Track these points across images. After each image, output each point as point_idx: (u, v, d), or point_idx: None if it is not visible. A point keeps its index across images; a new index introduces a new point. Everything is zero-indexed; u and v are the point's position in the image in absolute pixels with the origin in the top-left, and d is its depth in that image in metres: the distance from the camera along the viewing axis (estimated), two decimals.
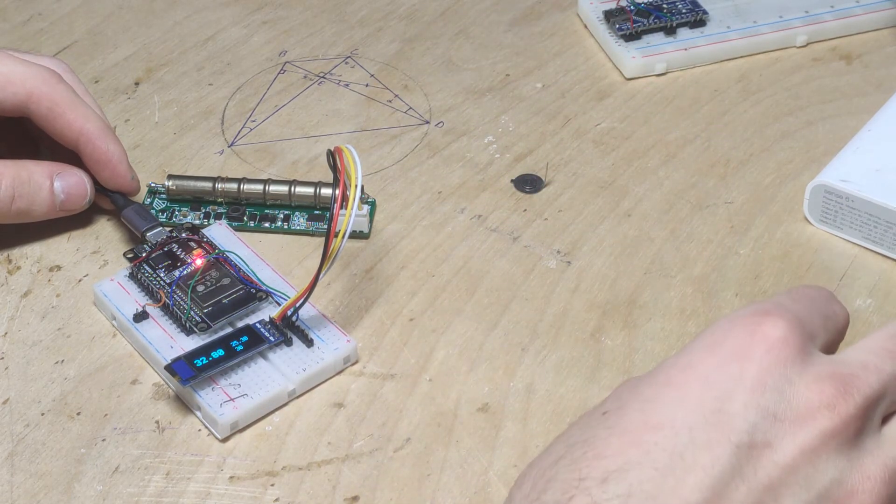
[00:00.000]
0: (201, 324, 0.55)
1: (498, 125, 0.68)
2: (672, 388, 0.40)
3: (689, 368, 0.41)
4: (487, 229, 0.62)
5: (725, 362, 0.40)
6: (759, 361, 0.40)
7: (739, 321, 0.41)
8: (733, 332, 0.41)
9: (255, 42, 0.74)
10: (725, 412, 0.39)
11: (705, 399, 0.40)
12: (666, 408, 0.40)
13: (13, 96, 0.58)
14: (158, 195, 0.63)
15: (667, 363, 0.42)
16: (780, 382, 0.40)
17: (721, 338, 0.41)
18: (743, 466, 0.39)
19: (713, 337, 0.41)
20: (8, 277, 0.60)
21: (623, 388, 0.42)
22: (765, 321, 0.41)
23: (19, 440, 0.52)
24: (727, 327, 0.41)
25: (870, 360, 0.42)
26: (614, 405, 0.41)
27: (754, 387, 0.40)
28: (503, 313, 0.58)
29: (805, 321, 0.42)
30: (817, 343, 0.43)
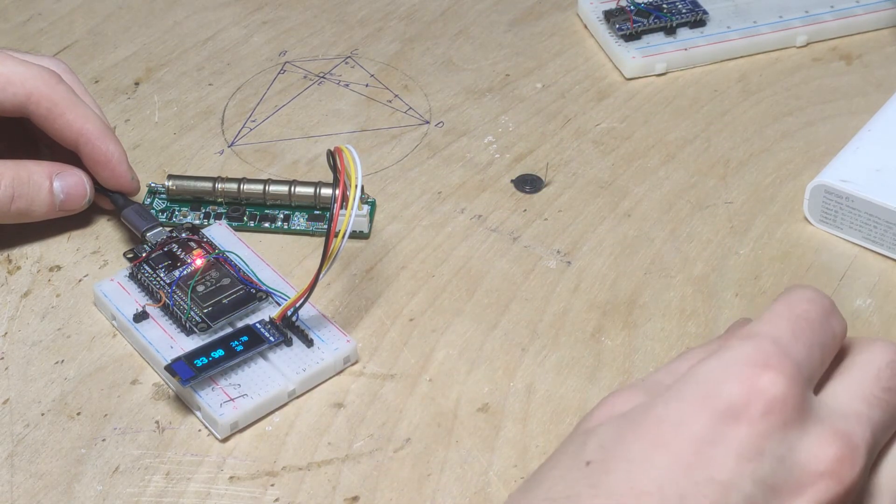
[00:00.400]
0: (201, 324, 0.55)
1: (498, 125, 0.68)
2: (661, 449, 0.38)
3: (681, 427, 0.38)
4: (487, 229, 0.62)
5: (719, 421, 0.38)
6: (756, 425, 0.38)
7: (736, 370, 0.39)
8: (729, 385, 0.39)
9: (255, 42, 0.74)
10: (718, 482, 0.37)
11: (697, 465, 0.38)
12: (655, 471, 0.38)
13: (13, 97, 0.58)
14: (158, 195, 0.63)
15: (656, 410, 0.39)
16: (778, 449, 0.38)
17: (715, 388, 0.39)
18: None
19: (707, 386, 0.39)
20: (8, 277, 0.60)
21: (609, 430, 0.40)
22: (763, 375, 0.39)
23: (19, 440, 0.52)
24: (722, 376, 0.39)
25: (862, 410, 0.40)
26: (598, 455, 0.39)
27: (750, 454, 0.38)
28: (503, 313, 0.58)
29: (804, 364, 0.40)
30: (814, 382, 0.41)
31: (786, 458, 0.38)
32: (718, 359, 0.40)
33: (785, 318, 0.41)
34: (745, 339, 0.40)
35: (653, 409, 0.39)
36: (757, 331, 0.40)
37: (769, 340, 0.40)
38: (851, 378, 0.41)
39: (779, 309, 0.42)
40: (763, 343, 0.40)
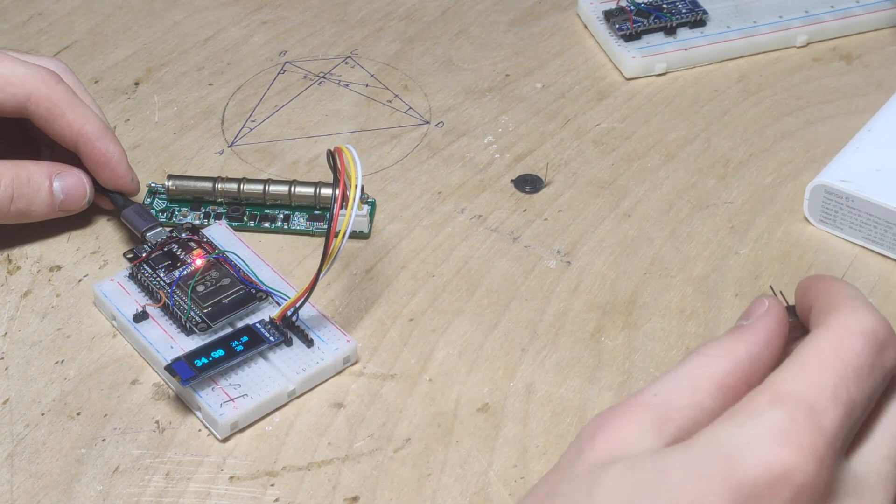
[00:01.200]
0: (201, 324, 0.55)
1: (498, 125, 0.68)
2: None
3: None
4: (487, 229, 0.62)
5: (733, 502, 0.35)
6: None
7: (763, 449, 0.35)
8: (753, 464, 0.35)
9: (255, 42, 0.74)
10: None
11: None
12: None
13: (13, 97, 0.58)
14: (158, 195, 0.63)
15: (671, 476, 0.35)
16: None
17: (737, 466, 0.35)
18: None
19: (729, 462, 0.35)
20: (8, 277, 0.60)
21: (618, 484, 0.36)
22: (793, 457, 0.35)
23: (19, 440, 0.52)
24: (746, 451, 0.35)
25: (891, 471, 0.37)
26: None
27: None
28: (503, 313, 0.58)
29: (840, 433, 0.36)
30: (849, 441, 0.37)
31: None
32: (743, 427, 0.36)
33: (829, 370, 0.36)
34: (776, 403, 0.36)
35: (667, 475, 0.36)
36: (791, 391, 0.36)
37: (804, 408, 0.35)
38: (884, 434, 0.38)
39: (824, 354, 0.37)
40: (797, 413, 0.35)
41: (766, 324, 0.40)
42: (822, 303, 0.39)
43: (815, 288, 0.40)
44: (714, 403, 0.38)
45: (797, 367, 0.37)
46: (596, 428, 0.38)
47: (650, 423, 0.38)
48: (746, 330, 0.40)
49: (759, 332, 0.40)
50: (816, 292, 0.40)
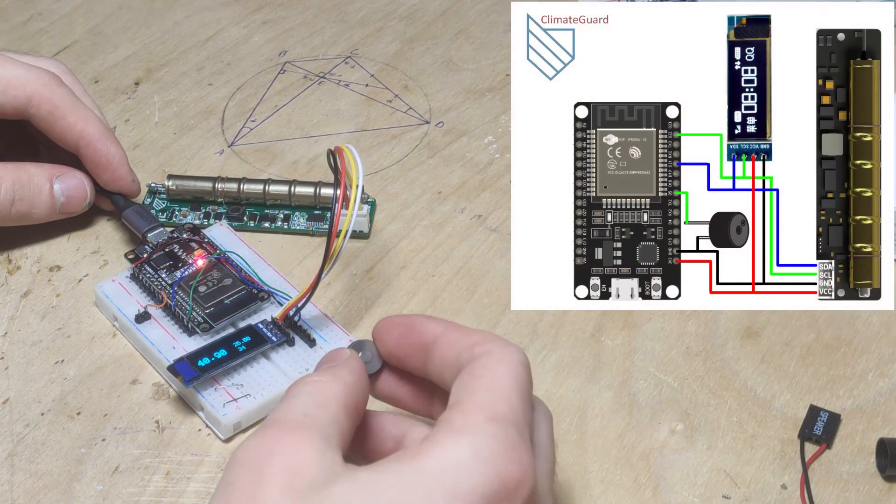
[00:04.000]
0: (203, 324, 0.55)
1: (498, 125, 0.68)
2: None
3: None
4: (487, 229, 0.62)
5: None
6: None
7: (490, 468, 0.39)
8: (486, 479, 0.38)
9: (255, 42, 0.74)
10: None
11: None
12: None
13: (13, 100, 0.58)
14: (158, 195, 0.63)
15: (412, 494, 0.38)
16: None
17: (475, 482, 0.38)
18: None
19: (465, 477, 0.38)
20: (8, 277, 0.60)
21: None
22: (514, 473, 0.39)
23: (19, 440, 0.52)
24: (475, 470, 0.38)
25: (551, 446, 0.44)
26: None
27: None
28: (503, 313, 0.58)
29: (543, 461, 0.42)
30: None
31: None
32: (471, 445, 0.39)
33: (517, 394, 0.41)
34: (493, 422, 0.40)
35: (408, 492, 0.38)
36: (500, 413, 0.40)
37: (514, 429, 0.40)
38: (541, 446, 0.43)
39: (508, 382, 0.41)
40: (509, 433, 0.39)
41: (357, 363, 0.45)
42: (462, 341, 0.43)
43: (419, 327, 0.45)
44: (347, 421, 0.42)
45: (494, 392, 0.41)
46: (268, 450, 0.39)
47: (318, 441, 0.39)
48: (343, 366, 0.44)
49: (355, 368, 0.44)
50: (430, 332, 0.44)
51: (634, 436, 0.52)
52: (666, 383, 0.54)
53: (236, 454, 0.39)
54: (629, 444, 0.52)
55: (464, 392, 0.41)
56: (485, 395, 0.40)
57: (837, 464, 0.51)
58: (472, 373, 0.41)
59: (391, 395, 0.47)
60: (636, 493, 0.50)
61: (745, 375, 0.55)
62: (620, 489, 0.50)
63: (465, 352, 0.42)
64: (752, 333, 0.57)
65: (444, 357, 0.43)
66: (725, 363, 0.55)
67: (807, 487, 0.50)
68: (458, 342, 0.43)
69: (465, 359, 0.42)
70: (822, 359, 0.56)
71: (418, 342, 0.44)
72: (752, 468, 0.51)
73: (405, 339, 0.45)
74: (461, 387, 0.41)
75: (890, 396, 0.54)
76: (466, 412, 0.40)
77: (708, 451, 0.52)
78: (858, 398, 0.54)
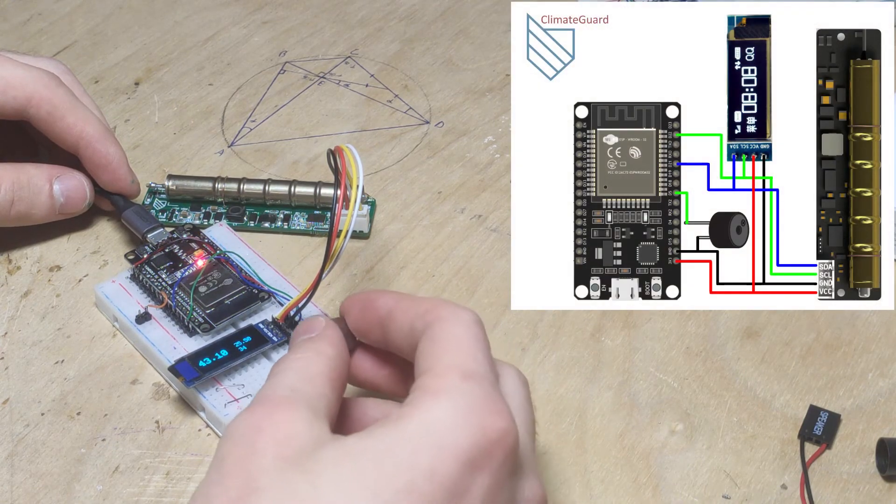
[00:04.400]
0: (204, 324, 0.55)
1: (498, 125, 0.68)
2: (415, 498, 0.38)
3: (434, 478, 0.38)
4: (487, 229, 0.62)
5: (466, 471, 0.39)
6: (496, 473, 0.40)
7: (473, 420, 0.40)
8: (471, 433, 0.39)
9: (255, 42, 0.74)
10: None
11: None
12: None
13: (13, 100, 0.58)
14: (158, 195, 0.63)
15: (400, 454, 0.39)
16: (508, 495, 0.40)
17: (460, 437, 0.39)
18: None
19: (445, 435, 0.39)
20: (8, 277, 0.60)
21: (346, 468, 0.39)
22: (496, 424, 0.40)
23: (19, 440, 0.52)
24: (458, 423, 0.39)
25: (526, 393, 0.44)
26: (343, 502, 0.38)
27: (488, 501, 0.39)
28: (503, 313, 0.58)
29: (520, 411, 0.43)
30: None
31: (510, 502, 0.41)
32: (452, 403, 0.40)
33: (481, 351, 0.42)
34: (468, 380, 0.41)
35: (396, 451, 0.39)
36: (472, 370, 0.41)
37: (488, 383, 0.41)
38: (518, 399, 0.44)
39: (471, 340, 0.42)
40: (484, 387, 0.41)
41: (335, 333, 0.46)
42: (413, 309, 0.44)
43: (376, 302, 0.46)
44: (332, 394, 0.43)
45: (461, 352, 0.42)
46: (257, 425, 0.40)
47: (306, 413, 0.41)
48: (321, 339, 0.45)
49: (334, 339, 0.46)
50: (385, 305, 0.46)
51: (634, 436, 0.52)
52: (666, 383, 0.55)
53: (227, 431, 0.40)
54: (629, 444, 0.52)
55: (430, 358, 0.42)
56: (451, 356, 0.42)
57: (837, 464, 0.51)
58: (431, 338, 0.43)
59: (367, 380, 0.48)
60: (636, 493, 0.50)
61: (745, 375, 0.55)
62: (620, 489, 0.50)
63: (417, 320, 0.44)
64: (752, 333, 0.57)
65: (399, 327, 0.45)
66: (725, 363, 0.55)
67: (807, 487, 0.50)
68: (409, 311, 0.44)
69: (420, 327, 0.43)
70: (822, 359, 0.56)
71: (376, 316, 0.46)
72: (752, 468, 0.51)
73: (364, 313, 0.47)
74: (425, 353, 0.42)
75: (890, 396, 0.54)
76: (439, 374, 0.41)
77: (708, 451, 0.52)
78: (858, 398, 0.54)
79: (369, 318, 0.46)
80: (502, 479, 0.40)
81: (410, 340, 0.44)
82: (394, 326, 0.45)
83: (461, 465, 0.39)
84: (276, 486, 0.38)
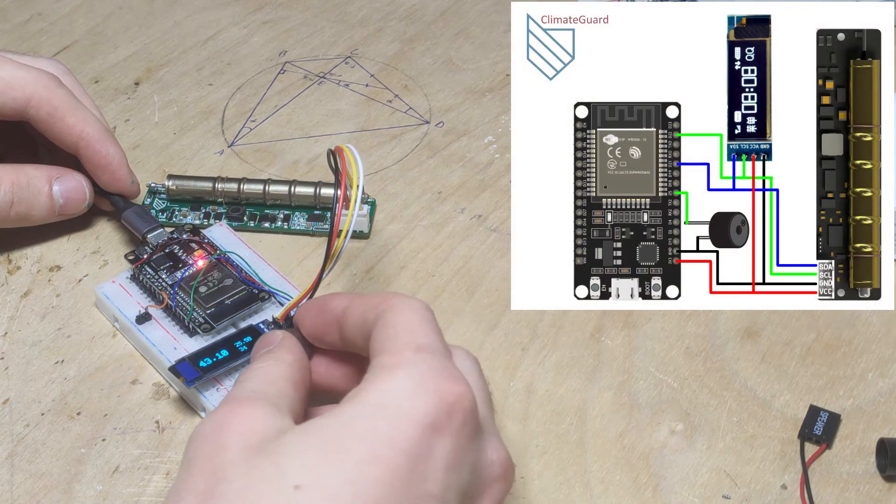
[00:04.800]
0: (204, 325, 0.55)
1: (498, 125, 0.68)
2: (380, 467, 0.38)
3: (394, 443, 0.39)
4: (487, 229, 0.62)
5: (426, 436, 0.39)
6: (457, 437, 0.40)
7: (430, 386, 0.40)
8: (427, 400, 0.40)
9: (255, 42, 0.74)
10: (432, 495, 0.39)
11: (413, 479, 0.38)
12: (380, 491, 0.38)
13: (12, 101, 0.58)
14: (158, 195, 0.63)
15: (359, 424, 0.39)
16: (471, 458, 0.41)
17: (414, 404, 0.40)
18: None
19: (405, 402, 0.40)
20: (8, 277, 0.60)
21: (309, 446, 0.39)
22: (454, 389, 0.40)
23: (19, 440, 0.52)
24: (416, 391, 0.40)
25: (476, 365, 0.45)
26: (307, 477, 0.38)
27: (453, 465, 0.40)
28: (503, 313, 0.58)
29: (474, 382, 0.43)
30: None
31: (475, 466, 0.41)
32: (407, 374, 0.41)
33: (431, 328, 0.43)
34: (421, 352, 0.42)
35: (356, 424, 0.39)
36: (423, 343, 0.42)
37: (441, 354, 0.42)
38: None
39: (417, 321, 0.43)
40: (437, 358, 0.42)
41: (291, 341, 0.48)
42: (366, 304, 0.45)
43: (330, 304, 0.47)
44: (295, 393, 0.45)
45: (411, 331, 0.43)
46: (220, 423, 0.41)
47: (269, 408, 0.42)
48: (279, 348, 0.47)
49: (291, 346, 0.48)
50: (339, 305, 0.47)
51: (634, 436, 0.52)
52: (666, 383, 0.55)
53: (193, 433, 0.41)
54: (629, 444, 0.52)
55: (384, 340, 0.43)
56: (403, 335, 0.43)
57: (837, 464, 0.51)
58: (384, 324, 0.43)
59: (325, 382, 0.49)
60: (636, 493, 0.50)
61: (745, 375, 0.55)
62: (620, 489, 0.50)
63: (370, 312, 0.45)
64: (752, 333, 0.57)
65: (353, 322, 0.46)
66: (725, 363, 0.55)
67: (807, 487, 0.50)
68: (362, 306, 0.45)
69: (372, 318, 0.44)
70: (822, 359, 0.56)
71: (330, 318, 0.47)
72: (752, 468, 0.51)
73: (318, 318, 0.48)
74: (379, 338, 0.43)
75: (890, 396, 0.54)
76: (393, 351, 0.42)
77: (708, 451, 0.52)
78: (858, 398, 0.54)
79: (325, 320, 0.47)
80: (464, 442, 0.40)
81: (364, 332, 0.45)
82: (349, 322, 0.46)
83: (421, 429, 0.39)
84: (241, 473, 0.39)
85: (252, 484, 0.38)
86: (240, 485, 0.38)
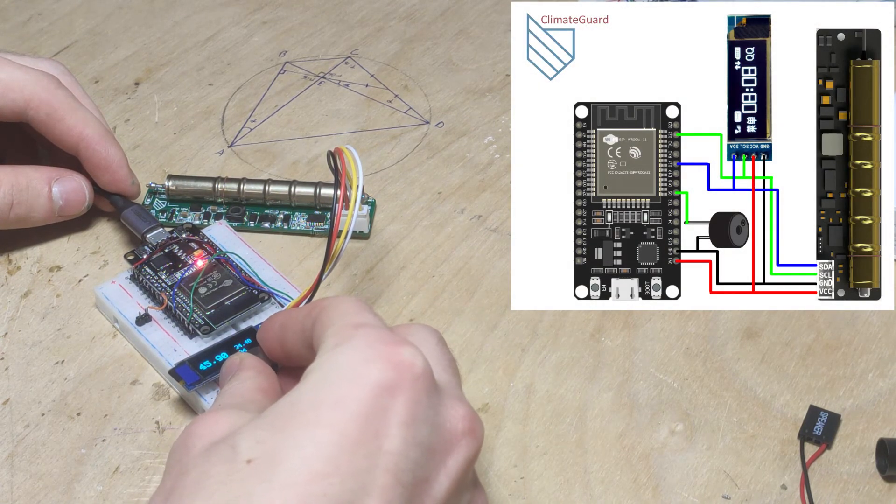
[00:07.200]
0: (204, 326, 0.55)
1: (498, 125, 0.68)
2: (328, 429, 0.39)
3: (340, 405, 0.39)
4: (487, 229, 0.62)
5: (378, 396, 0.40)
6: (410, 394, 0.40)
7: (378, 351, 0.41)
8: (376, 364, 0.40)
9: (255, 42, 0.74)
10: (389, 451, 0.39)
11: (366, 439, 0.39)
12: (326, 451, 0.38)
13: (12, 103, 0.58)
14: (158, 195, 0.63)
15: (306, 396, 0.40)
16: (429, 415, 0.41)
17: (363, 369, 0.40)
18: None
19: (354, 369, 0.40)
20: (8, 277, 0.60)
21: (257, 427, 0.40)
22: (403, 351, 0.41)
23: (19, 440, 0.52)
24: (365, 356, 0.41)
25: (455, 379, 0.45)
26: (258, 451, 0.39)
27: (410, 422, 0.40)
28: (503, 313, 0.58)
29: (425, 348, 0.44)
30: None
31: (435, 423, 0.41)
32: (350, 346, 0.41)
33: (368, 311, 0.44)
34: (359, 328, 0.42)
35: (302, 397, 0.40)
36: (359, 321, 0.43)
37: (382, 327, 0.43)
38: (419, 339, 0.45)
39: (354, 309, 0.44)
40: (380, 329, 0.42)
41: (252, 359, 0.49)
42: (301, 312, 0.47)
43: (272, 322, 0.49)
44: (264, 399, 0.46)
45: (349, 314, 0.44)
46: (188, 433, 0.42)
47: (234, 411, 0.43)
48: (241, 369, 0.49)
49: (252, 364, 0.49)
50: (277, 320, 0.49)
51: (634, 436, 0.52)
52: (666, 384, 0.55)
53: (170, 449, 0.43)
54: (629, 444, 0.52)
55: (323, 331, 0.43)
56: (341, 319, 0.43)
57: (837, 464, 0.51)
58: (322, 323, 0.44)
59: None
60: (636, 493, 0.50)
61: (745, 376, 0.55)
62: (620, 489, 0.50)
63: (305, 319, 0.46)
64: (752, 333, 0.57)
65: (293, 333, 0.47)
66: (725, 363, 0.55)
67: (807, 488, 0.50)
68: (298, 315, 0.47)
69: (309, 324, 0.45)
70: (822, 359, 0.56)
71: (275, 335, 0.48)
72: (752, 468, 0.51)
73: (266, 335, 0.49)
74: (319, 334, 0.44)
75: (890, 396, 0.54)
76: (333, 333, 0.43)
77: (708, 451, 0.52)
78: (858, 398, 0.54)
79: (271, 337, 0.49)
80: (419, 398, 0.40)
81: (305, 340, 0.46)
82: (288, 335, 0.47)
83: (369, 390, 0.40)
84: (200, 463, 0.40)
85: (209, 469, 0.39)
86: (198, 472, 0.39)
